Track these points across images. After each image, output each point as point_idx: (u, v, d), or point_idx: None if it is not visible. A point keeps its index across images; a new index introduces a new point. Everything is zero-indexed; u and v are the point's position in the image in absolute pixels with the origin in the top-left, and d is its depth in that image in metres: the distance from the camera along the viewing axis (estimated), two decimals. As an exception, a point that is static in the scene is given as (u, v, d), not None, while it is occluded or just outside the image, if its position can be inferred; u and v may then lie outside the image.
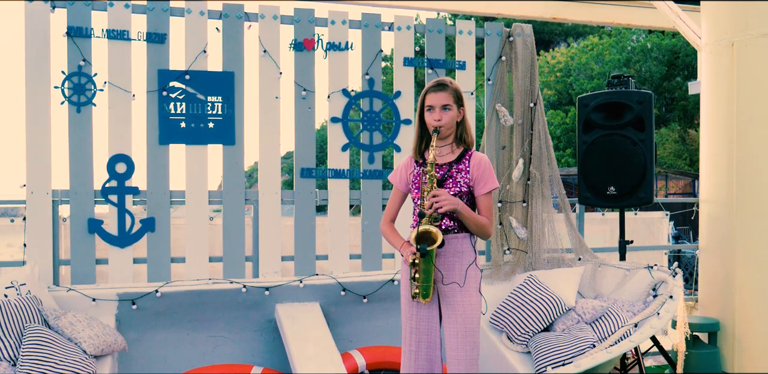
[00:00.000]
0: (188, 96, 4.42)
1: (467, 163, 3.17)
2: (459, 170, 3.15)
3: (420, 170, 3.18)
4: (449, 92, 3.13)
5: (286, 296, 4.45)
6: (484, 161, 3.19)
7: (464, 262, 3.13)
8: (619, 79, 4.71)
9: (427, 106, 3.13)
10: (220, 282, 4.37)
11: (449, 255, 3.11)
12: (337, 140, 4.70)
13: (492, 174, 3.20)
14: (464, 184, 3.14)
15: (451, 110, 3.13)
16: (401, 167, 3.30)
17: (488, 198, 3.19)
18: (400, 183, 3.29)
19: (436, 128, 3.10)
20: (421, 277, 3.04)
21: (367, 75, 4.73)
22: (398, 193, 3.33)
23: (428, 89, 3.14)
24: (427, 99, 3.13)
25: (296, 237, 4.63)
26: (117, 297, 4.15)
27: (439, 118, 3.10)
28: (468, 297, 3.12)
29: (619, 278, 4.60)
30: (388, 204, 3.36)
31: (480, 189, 3.16)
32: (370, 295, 4.57)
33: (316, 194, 4.66)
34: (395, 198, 3.34)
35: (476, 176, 3.16)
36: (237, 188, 4.50)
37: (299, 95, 4.60)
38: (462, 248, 3.13)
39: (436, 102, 3.11)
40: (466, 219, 3.08)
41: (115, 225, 4.30)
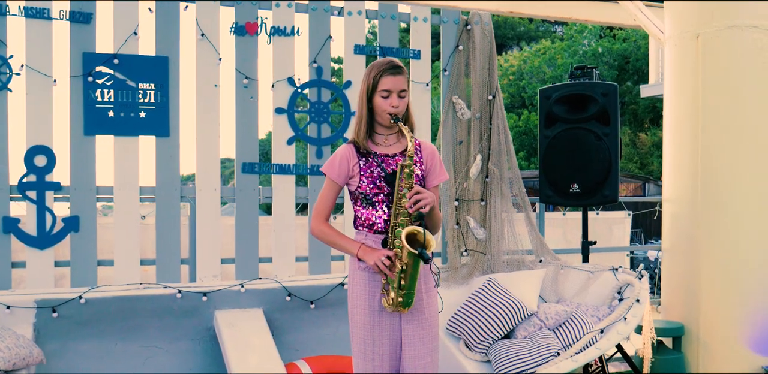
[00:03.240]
0: (117, 82, 4.02)
1: (420, 154, 2.89)
2: (413, 161, 2.85)
3: (369, 162, 2.86)
4: (405, 76, 2.84)
5: (226, 302, 4.10)
6: (435, 151, 2.95)
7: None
8: (582, 70, 4.46)
9: (382, 90, 2.80)
10: (152, 287, 4.01)
11: None
12: (282, 133, 4.35)
13: (443, 165, 2.97)
14: (419, 176, 2.84)
15: (406, 97, 2.82)
16: (340, 158, 2.92)
17: (437, 191, 2.98)
18: (339, 176, 2.92)
19: (396, 116, 2.78)
20: (408, 284, 2.71)
21: (314, 63, 4.40)
22: (334, 188, 2.96)
23: (383, 70, 2.80)
24: (383, 82, 2.80)
25: (237, 237, 4.27)
26: (35, 304, 3.76)
27: (397, 104, 2.79)
28: (432, 297, 2.87)
29: (583, 281, 4.35)
30: (320, 201, 2.95)
31: (432, 181, 2.90)
32: (318, 301, 4.25)
33: (259, 191, 4.30)
34: (330, 194, 2.96)
35: (430, 167, 2.89)
36: (171, 184, 4.12)
37: (240, 83, 4.25)
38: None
39: (393, 86, 2.78)
40: (433, 215, 2.79)
41: (34, 224, 3.89)
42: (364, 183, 2.86)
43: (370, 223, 2.86)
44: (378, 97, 2.81)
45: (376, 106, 2.82)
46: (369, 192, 2.85)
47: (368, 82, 2.84)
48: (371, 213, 2.85)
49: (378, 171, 2.82)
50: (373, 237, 2.84)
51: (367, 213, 2.86)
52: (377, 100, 2.82)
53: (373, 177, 2.83)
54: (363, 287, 2.88)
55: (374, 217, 2.84)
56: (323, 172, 2.99)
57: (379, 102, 2.81)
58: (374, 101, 2.82)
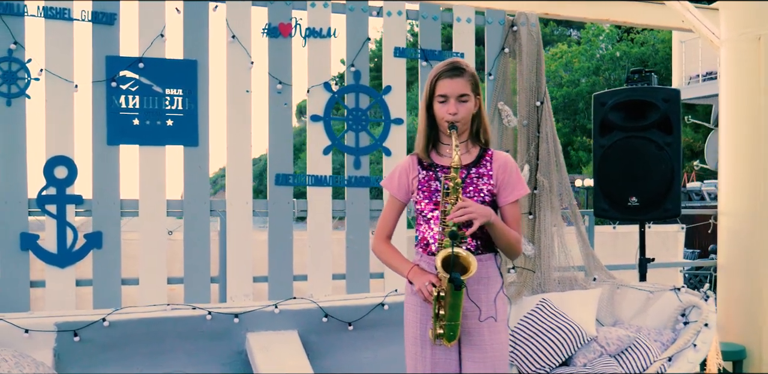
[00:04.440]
0: (142, 88, 3.74)
1: (489, 166, 2.57)
2: (479, 174, 2.55)
3: (428, 175, 2.56)
4: (467, 78, 2.52)
5: (259, 323, 3.81)
6: (510, 162, 2.60)
7: (491, 290, 2.52)
8: (639, 74, 4.15)
9: (439, 95, 2.51)
10: (180, 308, 3.71)
11: (472, 282, 2.48)
12: (317, 142, 4.06)
13: (521, 177, 2.61)
14: (487, 192, 2.53)
15: (469, 101, 2.52)
16: (400, 171, 2.67)
17: (516, 208, 2.60)
18: (398, 191, 2.66)
19: (452, 124, 2.48)
20: (448, 314, 2.39)
21: (352, 67, 4.10)
22: (396, 204, 2.69)
23: (440, 73, 2.51)
24: (439, 86, 2.51)
25: (270, 254, 3.97)
26: (56, 328, 3.47)
27: (455, 111, 2.48)
28: (496, 334, 2.51)
29: (641, 302, 4.03)
30: (381, 218, 2.72)
31: (506, 197, 2.57)
32: (357, 322, 3.95)
33: (293, 204, 4.01)
34: (392, 211, 2.70)
35: (502, 181, 2.56)
36: (201, 197, 3.83)
37: (274, 89, 3.96)
38: (488, 272, 2.52)
39: (451, 91, 2.49)
40: (499, 235, 2.47)
41: (54, 240, 3.61)
42: (420, 197, 2.57)
43: (425, 243, 2.57)
44: (436, 104, 2.53)
45: (435, 113, 2.53)
46: (424, 208, 2.56)
47: (427, 88, 2.56)
48: (427, 231, 2.56)
49: (436, 185, 2.53)
50: (426, 259, 2.56)
51: (424, 232, 2.57)
52: (435, 107, 2.53)
53: (430, 191, 2.55)
54: (414, 314, 2.59)
55: (429, 236, 2.55)
56: (383, 186, 2.72)
57: (437, 109, 2.52)
58: (434, 109, 2.54)
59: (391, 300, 4.03)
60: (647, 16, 5.92)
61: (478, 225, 2.37)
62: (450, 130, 2.48)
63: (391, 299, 4.03)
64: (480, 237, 2.50)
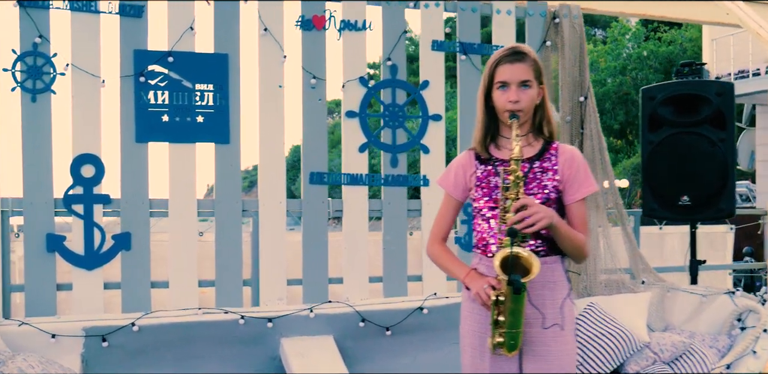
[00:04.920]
0: (172, 83, 3.60)
1: (554, 160, 2.35)
2: (543, 169, 2.34)
3: (487, 170, 2.38)
4: (529, 64, 2.31)
5: (294, 328, 3.66)
6: (577, 156, 2.37)
7: (557, 296, 2.32)
8: (690, 67, 3.94)
9: (498, 82, 2.31)
10: (212, 312, 3.58)
11: (538, 287, 2.29)
12: (353, 139, 3.89)
13: (589, 173, 2.37)
14: (552, 188, 2.32)
15: (531, 88, 2.30)
16: (456, 167, 2.48)
17: (582, 207, 2.37)
18: (455, 188, 2.47)
19: (513, 113, 2.28)
20: (509, 321, 2.20)
21: (389, 60, 3.93)
22: (452, 203, 2.51)
23: (500, 59, 2.32)
24: (499, 72, 2.31)
25: (305, 256, 3.81)
26: (83, 333, 3.34)
27: (517, 98, 2.27)
28: (563, 345, 2.30)
29: (693, 306, 3.84)
30: (437, 219, 2.54)
31: (573, 195, 2.34)
32: (395, 327, 3.78)
33: (328, 204, 3.84)
34: (448, 210, 2.52)
35: (568, 176, 2.33)
36: (232, 196, 3.68)
37: (308, 84, 3.80)
38: (553, 276, 2.32)
39: (511, 77, 2.28)
40: (562, 237, 2.26)
41: (81, 241, 3.46)
42: (479, 195, 2.39)
43: (483, 244, 2.38)
44: (495, 92, 2.33)
45: (495, 103, 2.34)
46: (483, 207, 2.37)
47: (485, 77, 2.37)
48: (486, 231, 2.37)
49: (496, 180, 2.33)
50: (486, 262, 2.36)
51: (482, 232, 2.38)
52: (495, 96, 2.33)
53: (489, 187, 2.36)
54: (472, 322, 2.40)
55: (489, 237, 2.36)
56: (438, 184, 2.54)
57: (496, 97, 2.33)
58: (493, 98, 2.35)
59: (430, 303, 3.86)
60: (686, 11, 5.69)
61: (540, 227, 2.18)
62: (511, 119, 2.28)
63: (430, 303, 3.87)
64: (545, 237, 2.31)
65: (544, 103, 2.37)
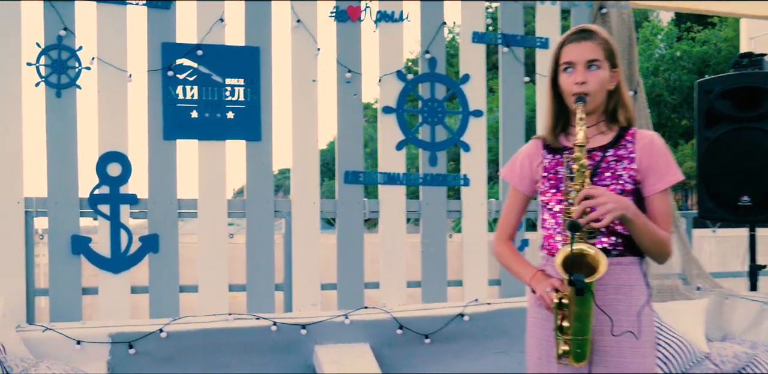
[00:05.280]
0: (201, 77, 3.43)
1: (630, 147, 2.11)
2: (618, 158, 2.09)
3: (555, 160, 2.16)
4: (597, 42, 2.08)
5: (328, 335, 3.49)
6: (657, 142, 2.11)
7: (633, 301, 2.06)
8: (749, 59, 3.69)
9: (564, 62, 2.10)
10: (243, 318, 3.42)
11: (610, 291, 2.06)
12: (389, 136, 3.70)
13: (671, 160, 2.11)
14: (628, 178, 2.07)
15: (601, 69, 2.07)
16: (522, 157, 2.27)
17: (665, 200, 2.10)
18: (521, 181, 2.26)
19: (580, 95, 2.05)
20: (574, 327, 1.98)
21: (427, 53, 3.74)
22: (518, 197, 2.30)
23: (565, 39, 2.11)
24: (564, 53, 2.10)
25: (339, 259, 3.63)
26: (109, 339, 3.19)
27: (584, 79, 2.05)
28: (642, 358, 2.06)
29: (754, 314, 3.60)
30: (502, 216, 2.33)
31: (653, 185, 2.08)
32: (434, 334, 3.59)
33: (364, 204, 3.66)
34: (514, 205, 2.31)
35: (647, 165, 2.08)
36: (264, 196, 3.51)
37: (342, 78, 3.62)
38: (629, 279, 2.07)
39: (577, 57, 2.07)
40: (639, 232, 2.00)
41: (107, 243, 3.32)
42: (546, 187, 2.17)
43: (550, 242, 2.16)
44: (562, 75, 2.12)
45: (561, 87, 2.13)
46: (551, 200, 2.15)
47: (552, 59, 2.16)
48: (553, 229, 2.15)
49: (564, 171, 2.11)
50: (552, 262, 2.15)
51: (550, 229, 2.16)
52: (561, 80, 2.12)
53: (557, 179, 2.14)
54: (538, 329, 2.18)
55: (556, 233, 2.14)
56: (502, 177, 2.33)
57: (563, 80, 2.11)
58: (560, 82, 2.14)
59: (471, 310, 3.66)
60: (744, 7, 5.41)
61: (609, 220, 1.92)
62: (576, 103, 2.06)
63: (471, 309, 3.66)
64: (621, 234, 2.07)
65: (620, 89, 2.14)
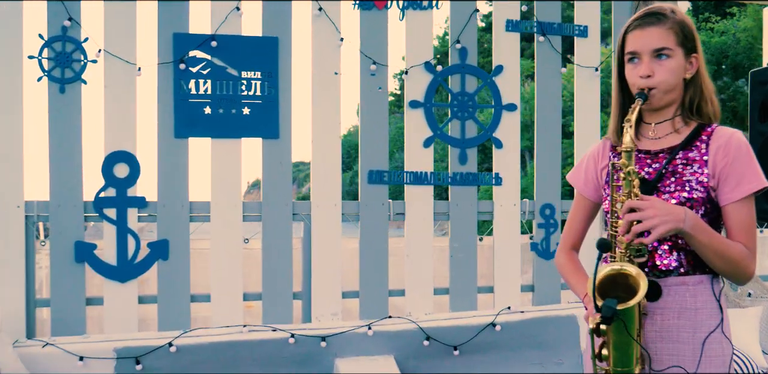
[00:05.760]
0: (215, 70, 3.19)
1: (704, 148, 1.81)
2: (688, 160, 1.81)
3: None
4: (667, 27, 1.78)
5: (350, 348, 3.26)
6: (737, 141, 1.80)
7: (699, 328, 1.77)
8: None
9: (628, 53, 1.83)
10: (258, 330, 3.20)
11: (672, 316, 1.78)
12: (417, 132, 3.45)
13: (754, 163, 1.79)
14: (696, 184, 1.78)
15: (672, 58, 1.78)
16: (588, 159, 2.03)
17: (745, 210, 1.79)
18: (586, 185, 2.01)
19: (641, 91, 1.78)
20: (614, 357, 1.72)
21: (458, 43, 3.47)
22: (583, 203, 2.04)
23: (630, 25, 1.83)
24: (628, 41, 1.83)
25: (362, 265, 3.39)
26: (115, 354, 2.96)
27: (649, 72, 1.77)
28: None
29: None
30: (567, 223, 2.08)
31: (729, 193, 1.78)
32: (463, 345, 3.34)
33: (389, 206, 3.40)
34: (579, 212, 2.05)
35: (723, 169, 1.78)
36: (282, 198, 3.26)
37: (367, 70, 3.36)
38: (695, 302, 1.78)
39: (642, 46, 1.79)
40: (704, 248, 1.71)
41: (114, 250, 3.09)
42: (606, 194, 1.91)
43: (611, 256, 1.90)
44: (627, 67, 1.84)
45: (627, 80, 1.85)
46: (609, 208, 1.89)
47: (617, 49, 1.89)
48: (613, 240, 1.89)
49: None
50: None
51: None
52: (626, 72, 1.85)
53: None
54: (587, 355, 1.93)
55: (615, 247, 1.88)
56: (568, 180, 2.07)
57: (628, 73, 1.84)
58: (626, 74, 1.86)
59: (503, 319, 3.41)
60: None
61: (657, 236, 1.64)
62: (636, 98, 1.78)
63: (503, 318, 3.42)
64: (684, 249, 1.78)
65: (700, 76, 1.83)
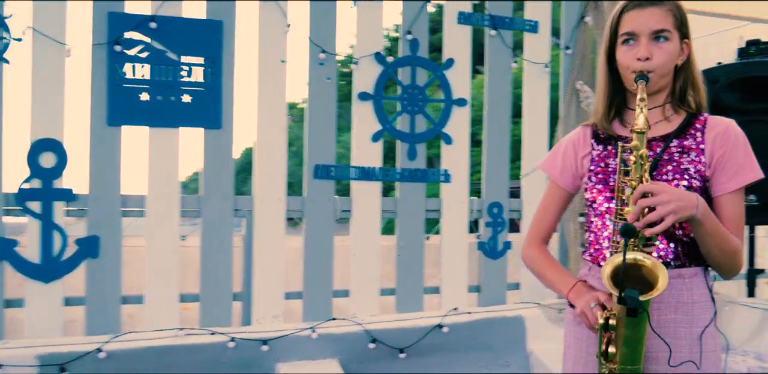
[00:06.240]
0: (154, 54, 2.95)
1: (700, 137, 1.75)
2: (684, 149, 1.74)
3: (606, 151, 1.81)
4: (666, 8, 1.69)
5: (293, 351, 3.09)
6: (733, 131, 1.74)
7: (696, 322, 1.70)
8: (757, 46, 3.44)
9: (624, 33, 1.72)
10: (196, 334, 2.99)
11: (669, 310, 1.71)
12: (365, 125, 3.30)
13: (751, 154, 1.73)
14: (695, 172, 1.71)
15: (670, 41, 1.70)
16: (566, 146, 1.91)
17: (739, 201, 1.74)
18: (563, 174, 1.89)
19: (642, 73, 1.69)
20: (623, 354, 1.62)
21: (408, 34, 3.35)
22: (558, 194, 1.92)
23: (626, 4, 1.73)
24: (625, 22, 1.71)
25: (305, 265, 3.23)
26: (38, 361, 2.71)
27: (648, 54, 1.68)
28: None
29: (756, 322, 3.38)
30: (537, 214, 1.96)
31: (725, 184, 1.71)
32: (410, 348, 3.23)
33: (335, 203, 3.25)
34: (552, 204, 1.93)
35: (720, 158, 1.72)
36: (223, 193, 3.06)
37: (315, 59, 3.19)
38: (692, 295, 1.71)
39: (641, 26, 1.69)
40: (710, 237, 1.63)
41: (37, 247, 2.82)
42: (593, 182, 1.81)
43: (596, 248, 1.81)
44: (620, 48, 1.74)
45: (618, 63, 1.74)
46: (597, 197, 1.79)
47: (608, 29, 1.78)
48: (600, 232, 1.80)
49: (616, 163, 1.74)
50: (598, 272, 1.79)
51: (596, 232, 1.81)
52: (619, 54, 1.73)
53: (606, 173, 1.78)
54: (577, 351, 1.83)
55: (602, 239, 1.79)
56: (541, 169, 1.96)
57: (621, 54, 1.72)
58: (617, 57, 1.76)
59: (450, 320, 3.32)
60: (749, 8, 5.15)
61: (671, 223, 1.55)
62: (637, 81, 1.69)
63: (450, 319, 3.32)
64: (680, 240, 1.72)
65: (691, 63, 1.77)
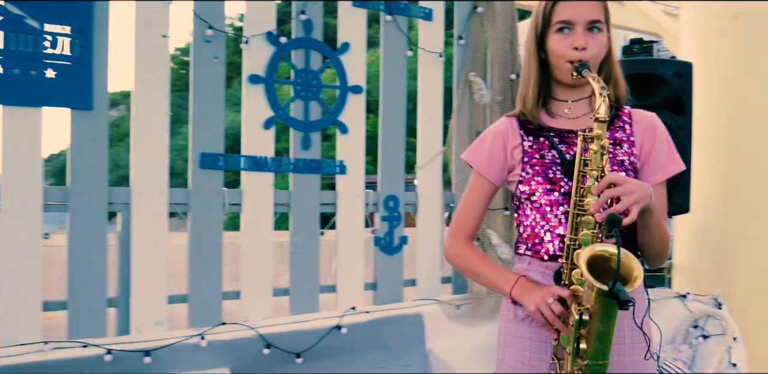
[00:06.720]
0: (10, 20, 2.51)
1: (628, 129, 1.81)
2: (616, 140, 1.80)
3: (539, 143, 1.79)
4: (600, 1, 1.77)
5: (180, 362, 2.72)
6: (658, 124, 1.85)
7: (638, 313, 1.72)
8: (640, 45, 3.50)
9: (558, 22, 1.72)
10: (64, 347, 2.55)
11: None
12: (256, 111, 3.01)
13: (673, 147, 1.85)
14: (629, 165, 1.79)
15: (602, 32, 1.77)
16: (493, 137, 1.87)
17: (664, 191, 1.83)
18: (490, 166, 1.85)
19: (582, 63, 1.68)
20: (594, 349, 1.59)
21: (302, 14, 3.10)
22: (485, 188, 1.87)
23: None
24: (559, 10, 1.75)
25: (191, 264, 2.87)
26: None
27: (584, 44, 1.71)
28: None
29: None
30: (461, 209, 1.90)
31: (653, 175, 1.79)
32: (307, 352, 2.97)
33: (223, 195, 2.93)
34: (479, 197, 1.89)
35: (648, 150, 1.80)
36: (95, 184, 2.66)
37: (201, 35, 2.87)
38: None
39: (577, 16, 1.72)
40: (654, 226, 1.71)
41: None
42: (529, 175, 1.74)
43: (535, 242, 1.73)
44: (553, 37, 1.71)
45: (550, 52, 1.72)
46: (535, 190, 1.73)
47: (537, 18, 1.76)
48: (539, 225, 1.72)
49: (553, 155, 1.70)
50: (540, 267, 1.76)
51: (533, 226, 1.74)
52: (551, 43, 1.73)
53: (544, 165, 1.75)
54: (519, 350, 1.78)
55: (544, 233, 1.72)
56: (465, 161, 1.84)
57: (554, 44, 1.72)
58: (548, 45, 1.71)
59: (348, 320, 3.09)
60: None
61: (637, 212, 1.55)
62: (578, 71, 1.66)
63: (348, 319, 3.09)
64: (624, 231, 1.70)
65: (611, 57, 1.83)
